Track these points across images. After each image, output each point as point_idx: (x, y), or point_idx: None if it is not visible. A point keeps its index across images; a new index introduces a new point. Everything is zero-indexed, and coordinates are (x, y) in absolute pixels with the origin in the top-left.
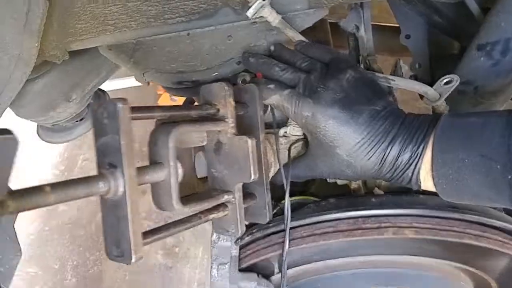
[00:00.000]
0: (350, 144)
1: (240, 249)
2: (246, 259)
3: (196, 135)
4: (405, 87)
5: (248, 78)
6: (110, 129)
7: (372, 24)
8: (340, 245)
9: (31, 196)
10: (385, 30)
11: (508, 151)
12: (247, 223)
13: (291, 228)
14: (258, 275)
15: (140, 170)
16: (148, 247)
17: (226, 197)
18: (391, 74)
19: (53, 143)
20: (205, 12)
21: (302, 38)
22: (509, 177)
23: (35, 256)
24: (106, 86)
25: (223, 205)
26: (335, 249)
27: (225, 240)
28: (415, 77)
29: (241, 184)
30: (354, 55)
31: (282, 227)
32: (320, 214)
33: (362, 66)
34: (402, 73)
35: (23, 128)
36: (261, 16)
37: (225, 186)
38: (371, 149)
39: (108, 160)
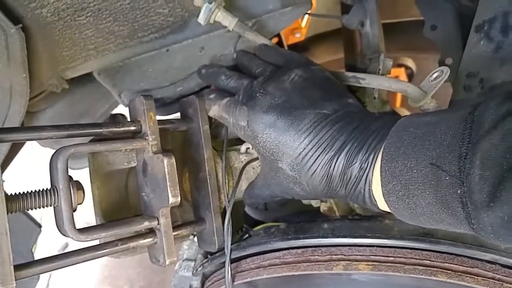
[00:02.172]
0: (291, 155)
1: (203, 281)
2: None
3: (121, 156)
4: (379, 86)
5: None
6: None
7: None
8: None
9: None
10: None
11: (459, 158)
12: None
13: (239, 259)
14: None
15: (15, 196)
16: None
17: (146, 224)
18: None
19: (73, 169)
20: (175, 25)
21: (264, 41)
22: (459, 191)
23: (109, 277)
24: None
25: (152, 232)
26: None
27: (186, 270)
28: None
29: (168, 209)
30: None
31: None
32: (264, 243)
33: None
34: (379, 69)
35: None
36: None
37: (152, 211)
38: (314, 161)
39: None
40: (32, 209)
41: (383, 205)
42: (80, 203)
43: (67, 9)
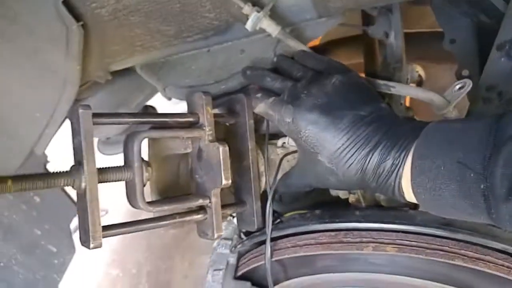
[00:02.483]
0: (330, 150)
1: (238, 258)
2: (240, 268)
3: (179, 142)
4: (408, 94)
5: None
6: (77, 131)
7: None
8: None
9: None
10: (423, 37)
11: (483, 158)
12: (244, 230)
13: (277, 238)
14: (252, 284)
15: (105, 169)
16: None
17: (200, 201)
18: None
19: (108, 155)
20: (219, 29)
21: (304, 48)
22: (482, 186)
23: (118, 260)
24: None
25: (203, 210)
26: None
27: (223, 248)
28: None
29: (218, 189)
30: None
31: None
32: (302, 225)
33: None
34: (408, 78)
35: None
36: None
37: (205, 191)
38: (351, 156)
39: (77, 158)
40: (112, 181)
41: (410, 196)
42: (149, 180)
43: (123, 9)
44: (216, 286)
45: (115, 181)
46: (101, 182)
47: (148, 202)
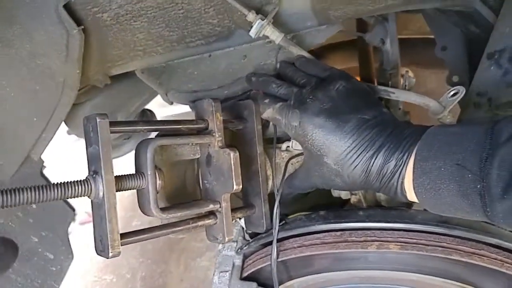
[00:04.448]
0: (336, 152)
1: (244, 259)
2: (247, 269)
3: (188, 149)
4: (406, 99)
5: None
6: (94, 140)
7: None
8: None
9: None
10: (414, 43)
11: (480, 160)
12: (250, 232)
13: (283, 239)
14: (258, 285)
15: (120, 177)
16: (208, 262)
17: (211, 206)
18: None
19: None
20: (221, 34)
21: (306, 54)
22: (479, 186)
23: (111, 265)
24: (174, 110)
25: (213, 214)
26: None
27: (229, 250)
28: None
29: (228, 194)
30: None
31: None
32: (308, 226)
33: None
34: (406, 85)
35: None
36: (265, 35)
37: (214, 196)
38: (356, 157)
39: (93, 168)
40: (127, 189)
41: (411, 196)
42: (162, 187)
43: (126, 14)
44: (222, 287)
45: (130, 189)
46: (117, 191)
47: (162, 209)
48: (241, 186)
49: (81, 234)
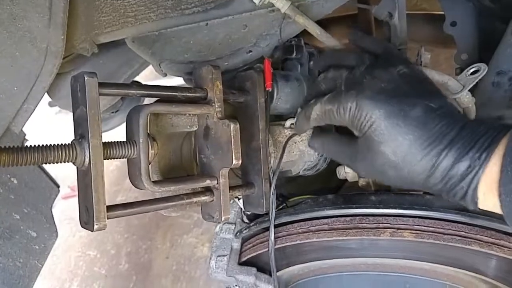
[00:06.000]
0: (397, 140)
1: (242, 243)
2: (245, 253)
3: (184, 119)
4: None
5: None
6: (81, 100)
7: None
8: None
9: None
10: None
11: None
12: (248, 212)
13: (287, 223)
14: (257, 270)
15: (109, 144)
16: (195, 239)
17: (208, 182)
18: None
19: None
20: (220, 1)
21: (314, 25)
22: None
23: (95, 241)
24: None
25: (209, 191)
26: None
27: (227, 232)
28: (460, 70)
29: (227, 169)
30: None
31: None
32: (316, 210)
33: None
34: (421, 61)
35: None
36: (270, 3)
37: (212, 171)
38: (422, 150)
39: (79, 131)
40: (116, 158)
41: (485, 204)
42: (155, 157)
43: None
44: (220, 272)
45: (119, 157)
46: (105, 159)
47: (154, 182)
48: (240, 161)
49: (64, 209)
